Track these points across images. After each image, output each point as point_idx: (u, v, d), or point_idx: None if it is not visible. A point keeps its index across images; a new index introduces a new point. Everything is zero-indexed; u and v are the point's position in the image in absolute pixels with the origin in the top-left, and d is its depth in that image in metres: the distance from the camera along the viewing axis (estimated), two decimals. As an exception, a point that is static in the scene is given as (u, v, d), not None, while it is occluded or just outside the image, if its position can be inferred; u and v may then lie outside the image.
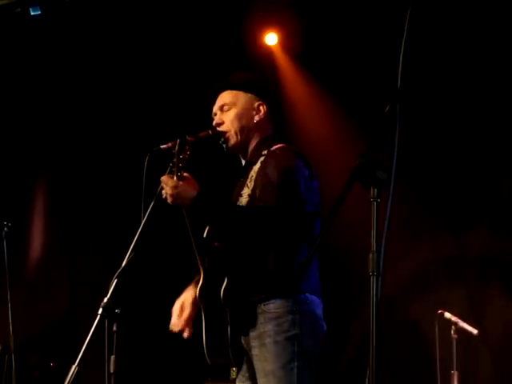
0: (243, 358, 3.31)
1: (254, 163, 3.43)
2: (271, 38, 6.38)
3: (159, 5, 6.07)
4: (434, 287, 5.91)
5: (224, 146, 3.48)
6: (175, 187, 3.15)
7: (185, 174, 3.17)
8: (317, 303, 3.30)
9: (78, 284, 6.66)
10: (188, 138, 3.24)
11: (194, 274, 3.49)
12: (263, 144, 3.48)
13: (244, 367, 3.34)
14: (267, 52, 6.39)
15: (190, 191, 3.16)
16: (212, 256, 3.34)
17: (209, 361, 3.34)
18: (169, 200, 3.17)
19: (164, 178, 3.17)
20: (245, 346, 3.28)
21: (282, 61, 6.45)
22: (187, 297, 3.48)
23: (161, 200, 3.19)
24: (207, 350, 3.31)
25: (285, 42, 6.37)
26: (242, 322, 3.24)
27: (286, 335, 3.19)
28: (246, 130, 3.48)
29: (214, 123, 3.50)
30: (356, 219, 3.90)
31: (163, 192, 3.19)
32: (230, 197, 3.49)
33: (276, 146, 3.43)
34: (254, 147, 3.49)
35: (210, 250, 3.34)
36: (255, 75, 3.73)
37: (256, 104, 3.52)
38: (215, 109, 3.55)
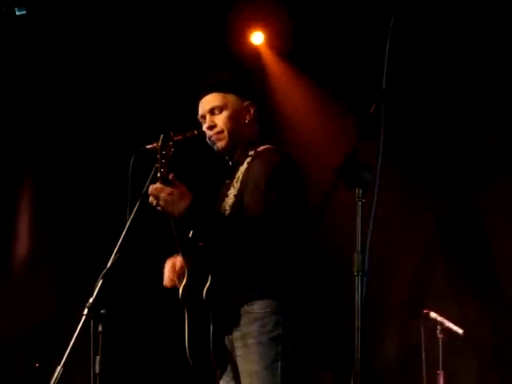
0: (226, 359, 3.30)
1: (241, 164, 3.42)
2: (257, 37, 6.36)
3: (144, 4, 6.05)
4: (420, 286, 5.94)
5: (214, 147, 3.47)
6: (170, 194, 3.12)
7: (170, 177, 3.14)
8: (302, 303, 3.30)
9: (64, 284, 6.63)
10: (173, 135, 3.21)
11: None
12: (250, 144, 3.45)
13: (228, 368, 3.33)
14: (253, 51, 6.38)
15: (183, 201, 3.13)
16: (197, 256, 3.34)
17: (191, 362, 3.34)
18: (161, 205, 3.14)
19: (158, 186, 3.15)
20: (228, 346, 3.28)
21: (269, 60, 6.43)
22: (179, 258, 3.46)
23: (146, 200, 3.17)
24: (189, 351, 3.31)
25: (271, 41, 6.36)
26: (225, 323, 3.24)
27: (269, 336, 3.19)
28: (238, 131, 3.45)
29: (205, 126, 3.46)
30: (341, 219, 3.90)
31: (151, 199, 3.15)
32: (215, 198, 3.48)
33: (262, 148, 3.41)
34: (241, 148, 3.47)
35: (195, 249, 3.33)
36: (241, 74, 3.67)
37: (245, 104, 3.48)
38: (203, 112, 3.50)
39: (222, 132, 3.45)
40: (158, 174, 3.14)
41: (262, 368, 3.17)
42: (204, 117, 3.50)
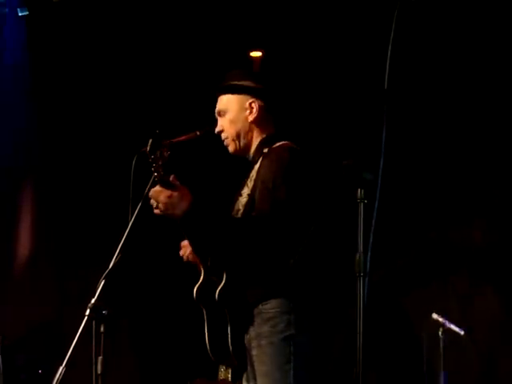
0: (246, 358, 3.28)
1: (256, 162, 3.38)
2: (256, 54, 6.35)
3: (145, 6, 6.06)
4: (422, 287, 5.93)
5: (228, 149, 3.48)
6: (169, 197, 3.11)
7: (171, 179, 3.13)
8: (313, 303, 3.28)
9: (66, 285, 6.64)
10: (163, 137, 3.18)
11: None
12: (265, 142, 3.41)
13: (249, 367, 3.30)
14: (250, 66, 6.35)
15: (182, 203, 3.11)
16: (212, 256, 3.33)
17: (213, 358, 3.34)
18: (161, 208, 3.14)
19: (157, 189, 3.12)
20: (247, 346, 3.26)
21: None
22: None
23: (148, 202, 3.17)
24: (211, 349, 3.31)
25: (270, 58, 6.32)
26: (242, 323, 3.23)
27: (281, 336, 3.17)
28: (243, 133, 3.42)
29: (216, 131, 3.48)
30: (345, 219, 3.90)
31: (152, 201, 3.15)
32: (231, 198, 3.47)
33: (277, 145, 3.36)
34: (257, 147, 3.43)
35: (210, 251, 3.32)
36: (238, 73, 3.55)
37: (247, 103, 3.43)
38: (216, 114, 3.52)
39: (228, 137, 3.45)
40: (156, 178, 3.12)
41: (274, 369, 3.16)
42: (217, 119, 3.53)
